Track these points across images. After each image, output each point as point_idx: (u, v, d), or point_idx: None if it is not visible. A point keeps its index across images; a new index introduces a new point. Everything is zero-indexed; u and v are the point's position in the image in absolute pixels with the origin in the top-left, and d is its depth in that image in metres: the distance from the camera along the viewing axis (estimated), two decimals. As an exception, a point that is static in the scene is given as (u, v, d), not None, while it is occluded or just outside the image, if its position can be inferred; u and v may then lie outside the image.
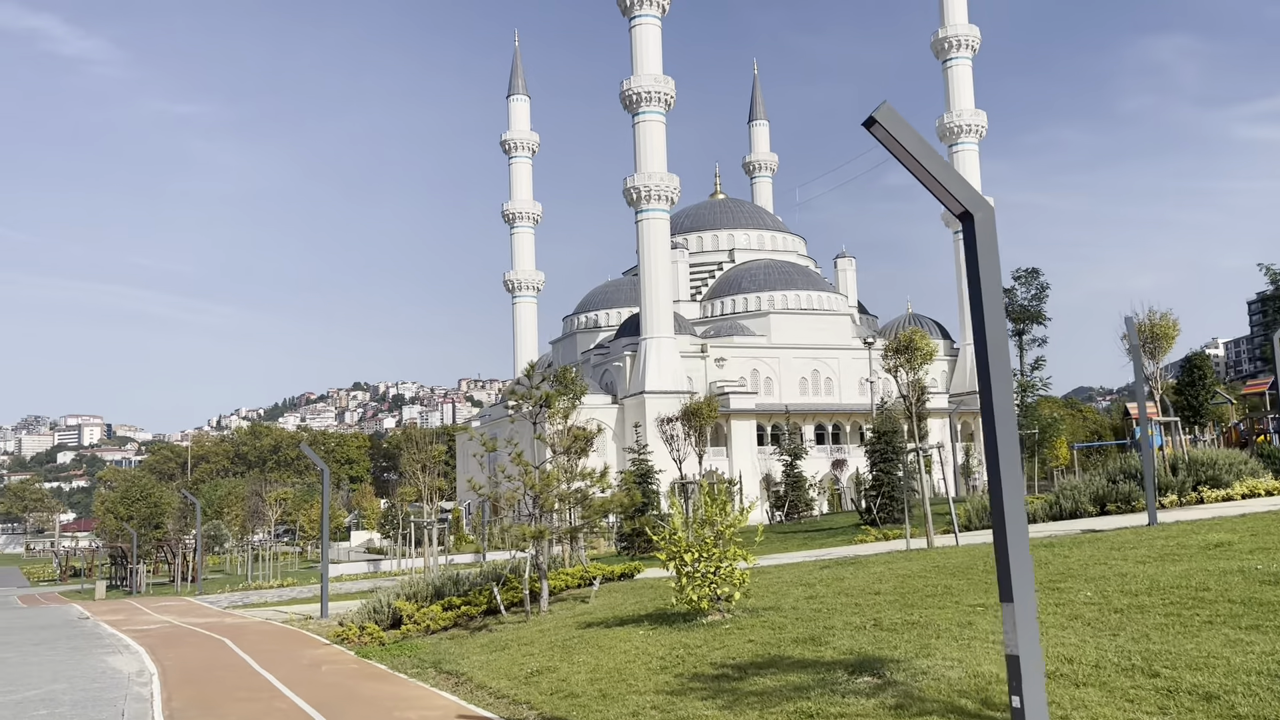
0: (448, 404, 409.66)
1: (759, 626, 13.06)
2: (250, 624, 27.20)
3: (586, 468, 19.98)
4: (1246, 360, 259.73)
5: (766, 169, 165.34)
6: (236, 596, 40.86)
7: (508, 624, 18.52)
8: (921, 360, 22.05)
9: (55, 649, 24.48)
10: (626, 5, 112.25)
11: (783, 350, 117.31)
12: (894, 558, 19.72)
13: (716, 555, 13.80)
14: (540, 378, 20.18)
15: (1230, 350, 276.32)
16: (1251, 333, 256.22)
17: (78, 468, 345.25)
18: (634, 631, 14.08)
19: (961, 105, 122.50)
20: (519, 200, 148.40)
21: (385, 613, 20.88)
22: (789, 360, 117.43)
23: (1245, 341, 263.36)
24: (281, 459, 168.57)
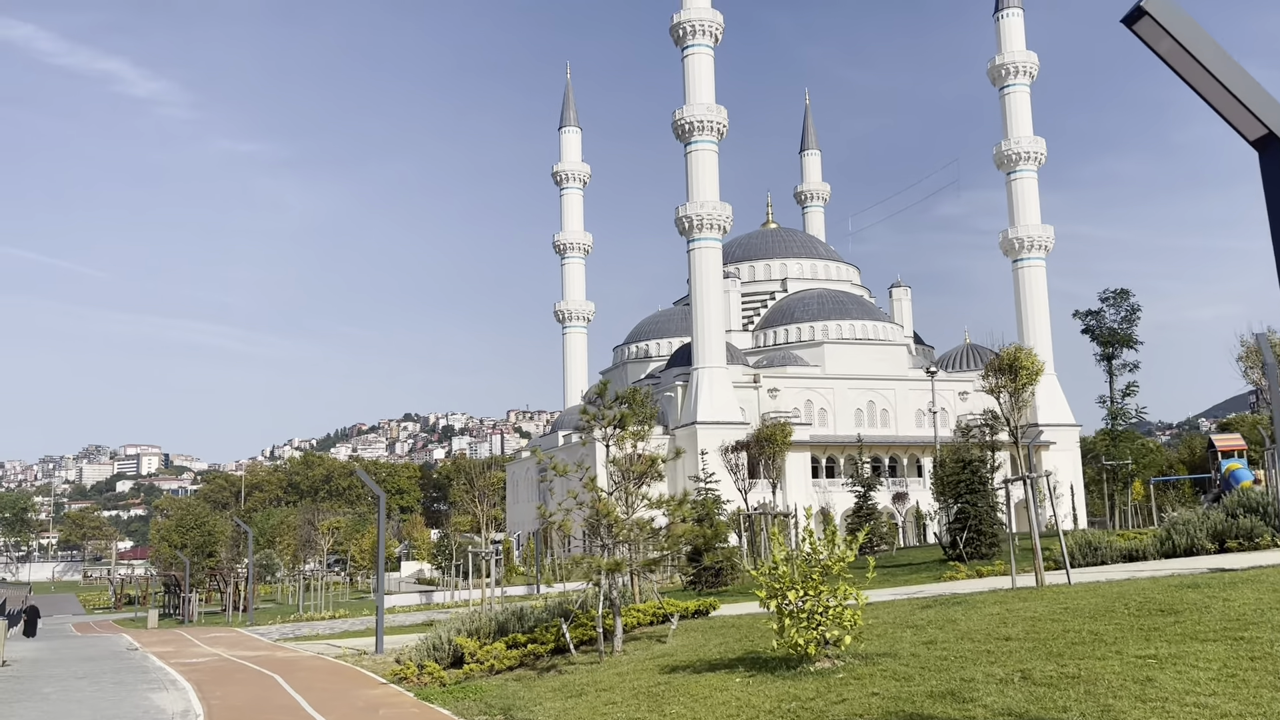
0: (496, 435, 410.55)
1: (879, 676, 11.51)
2: (302, 659, 26.04)
3: (663, 495, 18.56)
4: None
5: (818, 198, 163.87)
6: (288, 628, 39.84)
7: (579, 665, 17.09)
8: (1026, 380, 20.33)
9: (99, 683, 23.51)
10: (679, 35, 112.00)
11: (837, 381, 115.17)
12: (1004, 597, 18.00)
13: (825, 593, 12.27)
14: (615, 397, 18.83)
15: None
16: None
17: (135, 496, 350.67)
18: (729, 679, 12.59)
19: (1020, 133, 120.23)
20: (570, 231, 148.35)
21: (445, 650, 19.55)
22: (844, 391, 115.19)
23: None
24: (333, 489, 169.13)
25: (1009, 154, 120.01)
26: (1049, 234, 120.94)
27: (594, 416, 18.45)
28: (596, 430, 18.41)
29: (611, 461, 18.52)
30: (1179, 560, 23.78)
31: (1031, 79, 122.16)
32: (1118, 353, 77.81)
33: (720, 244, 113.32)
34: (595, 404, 18.93)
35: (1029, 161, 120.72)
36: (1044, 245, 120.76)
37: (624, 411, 18.60)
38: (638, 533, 18.12)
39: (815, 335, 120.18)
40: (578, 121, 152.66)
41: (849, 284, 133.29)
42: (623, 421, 18.41)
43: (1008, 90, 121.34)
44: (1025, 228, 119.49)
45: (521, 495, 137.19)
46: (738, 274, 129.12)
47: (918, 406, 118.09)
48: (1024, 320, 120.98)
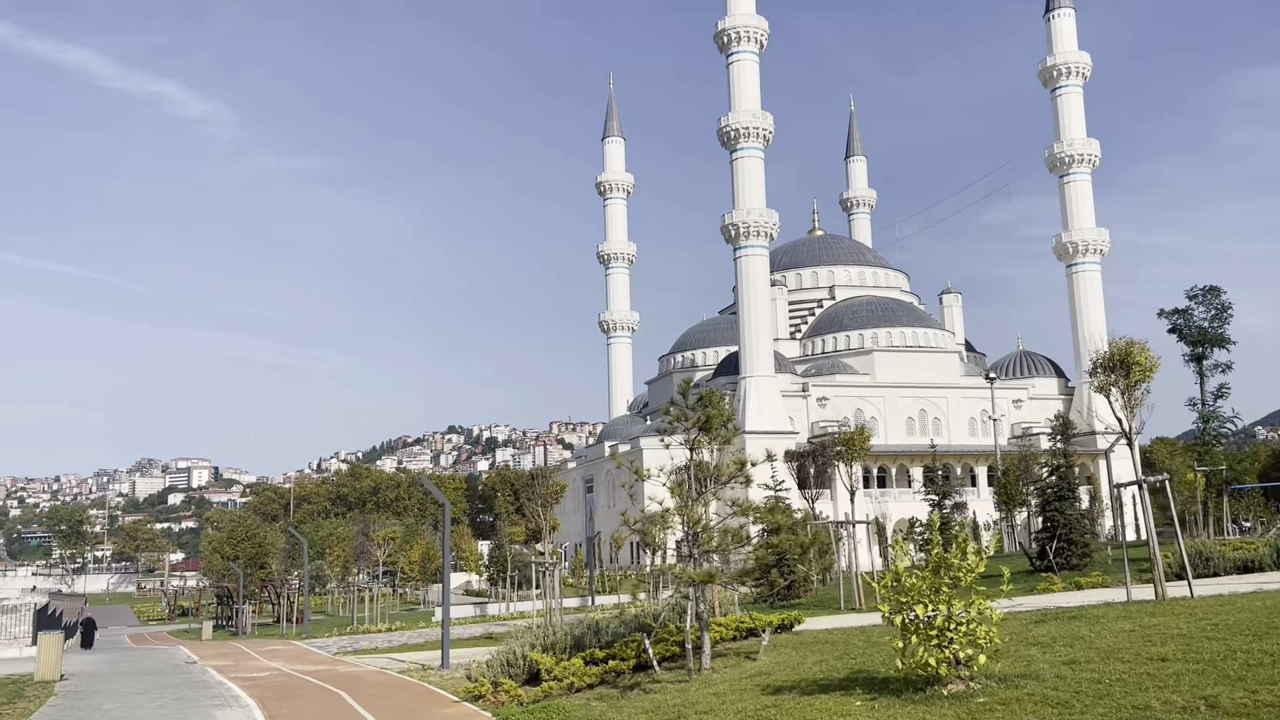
0: (539, 446, 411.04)
1: (1029, 702, 10.24)
2: (365, 674, 25.33)
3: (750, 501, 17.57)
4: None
5: (865, 205, 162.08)
6: (345, 641, 39.29)
7: (665, 683, 16.11)
8: (1140, 376, 19.03)
9: (160, 699, 22.96)
10: (724, 42, 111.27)
11: (888, 389, 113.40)
12: (1128, 611, 16.82)
13: (959, 607, 11.19)
14: (698, 397, 17.89)
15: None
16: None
17: (186, 509, 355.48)
18: (846, 702, 11.50)
19: (1073, 134, 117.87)
20: (614, 241, 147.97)
21: (520, 666, 18.67)
22: (894, 399, 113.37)
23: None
24: (380, 500, 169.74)
25: (1062, 156, 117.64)
26: (1104, 238, 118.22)
27: (677, 417, 17.49)
28: (679, 433, 17.46)
29: (697, 466, 17.57)
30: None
31: (1084, 80, 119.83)
32: (1208, 353, 74.04)
33: (767, 251, 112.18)
34: (676, 405, 18.00)
35: (1082, 164, 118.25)
36: (1099, 249, 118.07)
37: (710, 412, 17.65)
38: (729, 542, 17.15)
39: (864, 343, 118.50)
40: (621, 132, 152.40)
41: (898, 291, 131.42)
42: (709, 423, 17.45)
43: (1060, 91, 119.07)
44: (1079, 231, 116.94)
45: (567, 506, 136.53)
46: (784, 282, 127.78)
47: (970, 415, 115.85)
48: (1079, 326, 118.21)
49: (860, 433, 30.22)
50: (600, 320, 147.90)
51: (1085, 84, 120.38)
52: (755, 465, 18.89)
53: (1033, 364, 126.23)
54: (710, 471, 17.82)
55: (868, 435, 31.09)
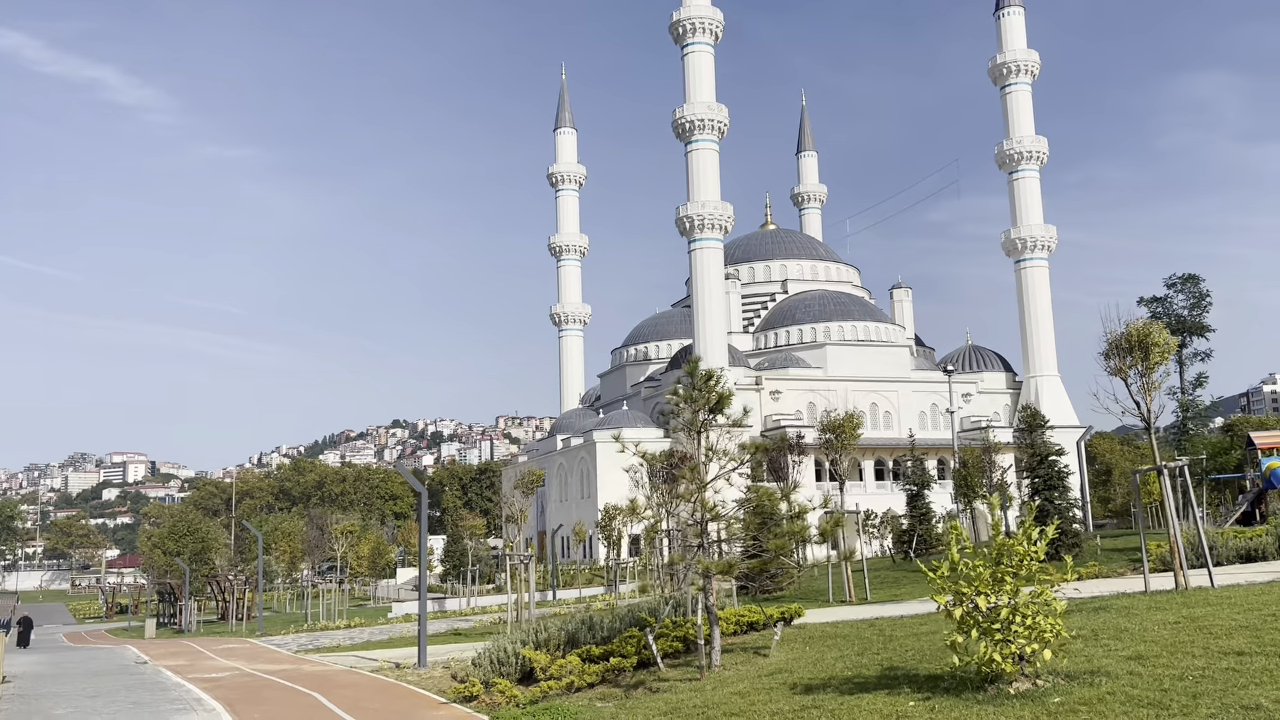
0: (486, 441, 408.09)
1: (1114, 703, 9.44)
2: (334, 673, 24.11)
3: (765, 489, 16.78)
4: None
5: (816, 200, 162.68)
6: (304, 638, 37.83)
7: (674, 682, 15.27)
8: (1159, 359, 18.54)
9: (115, 703, 21.57)
10: (680, 33, 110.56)
11: (840, 383, 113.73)
12: (1160, 602, 16.35)
13: (1024, 598, 10.45)
14: (706, 375, 17.03)
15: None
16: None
17: (122, 504, 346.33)
18: (897, 703, 10.69)
19: (1022, 132, 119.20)
20: (566, 233, 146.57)
21: (513, 664, 17.71)
22: (846, 393, 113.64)
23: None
24: (325, 495, 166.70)
25: (1011, 153, 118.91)
26: (1051, 234, 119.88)
27: (686, 398, 16.59)
28: (686, 413, 16.59)
29: (709, 449, 16.74)
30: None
31: (1033, 78, 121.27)
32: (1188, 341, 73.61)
33: (722, 244, 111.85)
34: (685, 383, 17.12)
35: (1031, 161, 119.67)
36: (1047, 245, 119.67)
37: (723, 392, 16.82)
38: (741, 529, 16.35)
39: (817, 337, 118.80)
40: (573, 123, 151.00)
41: (849, 285, 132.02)
42: (719, 404, 16.62)
43: (1009, 89, 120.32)
44: (1028, 228, 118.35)
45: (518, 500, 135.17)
46: (737, 275, 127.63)
47: (920, 408, 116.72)
48: (1027, 321, 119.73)
49: (850, 420, 29.64)
50: (552, 313, 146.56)
51: (1034, 82, 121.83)
52: (765, 451, 18.17)
53: (981, 358, 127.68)
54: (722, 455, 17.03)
55: (858, 423, 30.54)
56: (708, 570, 15.19)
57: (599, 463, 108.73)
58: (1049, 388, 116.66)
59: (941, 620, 17.89)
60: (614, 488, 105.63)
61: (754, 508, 15.85)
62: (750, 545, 16.89)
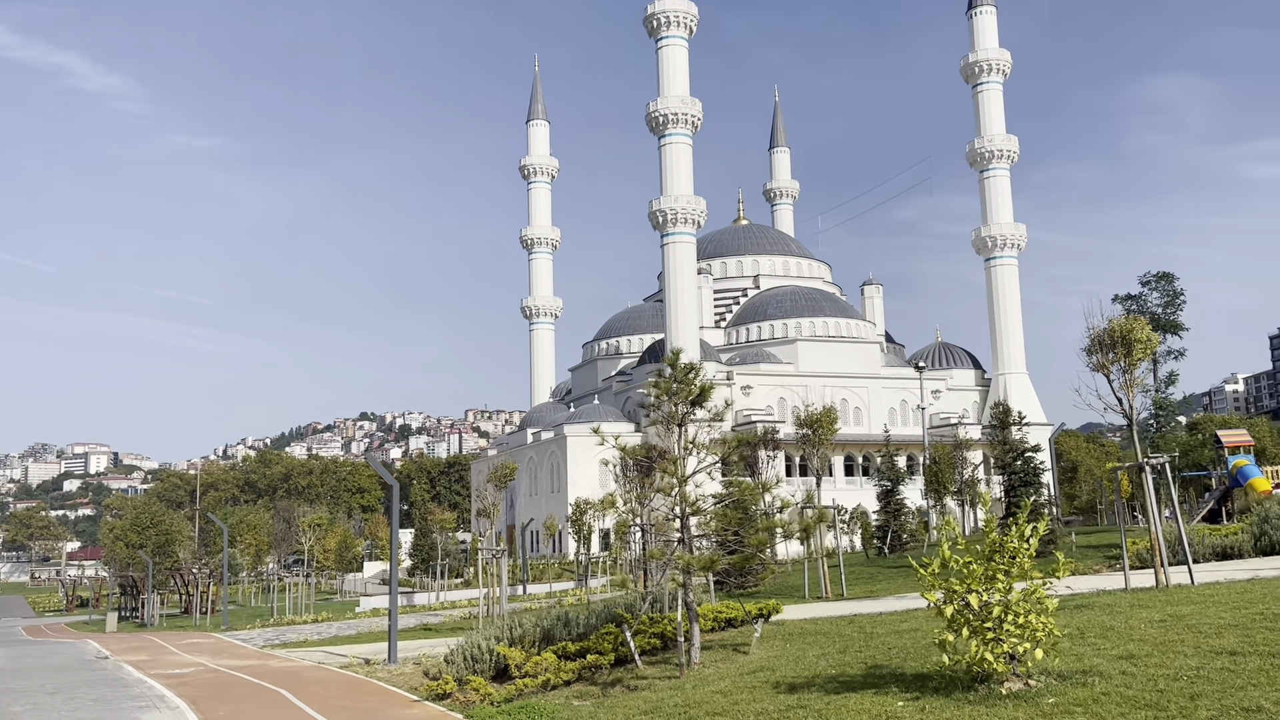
0: (455, 434, 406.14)
1: (1110, 703, 9.09)
2: (303, 669, 23.61)
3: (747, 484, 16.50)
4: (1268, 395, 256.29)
5: (788, 196, 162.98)
6: (270, 633, 37.18)
7: (653, 680, 14.97)
8: (1141, 354, 18.47)
9: (75, 699, 20.96)
10: (654, 26, 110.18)
11: (811, 378, 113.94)
12: (1142, 599, 16.25)
13: (1017, 597, 10.21)
14: (687, 367, 16.73)
15: (1250, 385, 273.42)
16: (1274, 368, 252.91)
17: (84, 496, 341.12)
18: (886, 703, 10.43)
19: (993, 130, 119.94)
20: (538, 226, 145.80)
21: (486, 661, 17.33)
22: (817, 388, 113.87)
23: (1266, 377, 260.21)
24: (292, 487, 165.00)
25: (982, 151, 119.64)
26: (1021, 233, 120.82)
27: (666, 390, 16.28)
28: (666, 406, 16.28)
29: (691, 443, 16.45)
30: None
31: (1005, 77, 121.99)
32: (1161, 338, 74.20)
33: (694, 239, 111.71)
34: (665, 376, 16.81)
35: (1002, 160, 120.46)
36: (1016, 244, 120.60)
37: (708, 384, 16.53)
38: (725, 526, 16.09)
39: (788, 332, 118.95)
40: (546, 115, 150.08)
41: (821, 281, 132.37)
42: (703, 395, 16.33)
43: (981, 88, 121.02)
44: (998, 226, 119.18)
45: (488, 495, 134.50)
46: (710, 270, 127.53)
47: (890, 404, 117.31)
48: (996, 319, 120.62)
49: (827, 414, 29.47)
50: (523, 306, 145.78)
51: (1005, 81, 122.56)
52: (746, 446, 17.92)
53: (951, 355, 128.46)
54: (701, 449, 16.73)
55: (834, 418, 30.41)
56: (689, 566, 14.92)
57: (570, 457, 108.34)
58: (1017, 385, 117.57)
59: (923, 618, 17.79)
60: (584, 482, 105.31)
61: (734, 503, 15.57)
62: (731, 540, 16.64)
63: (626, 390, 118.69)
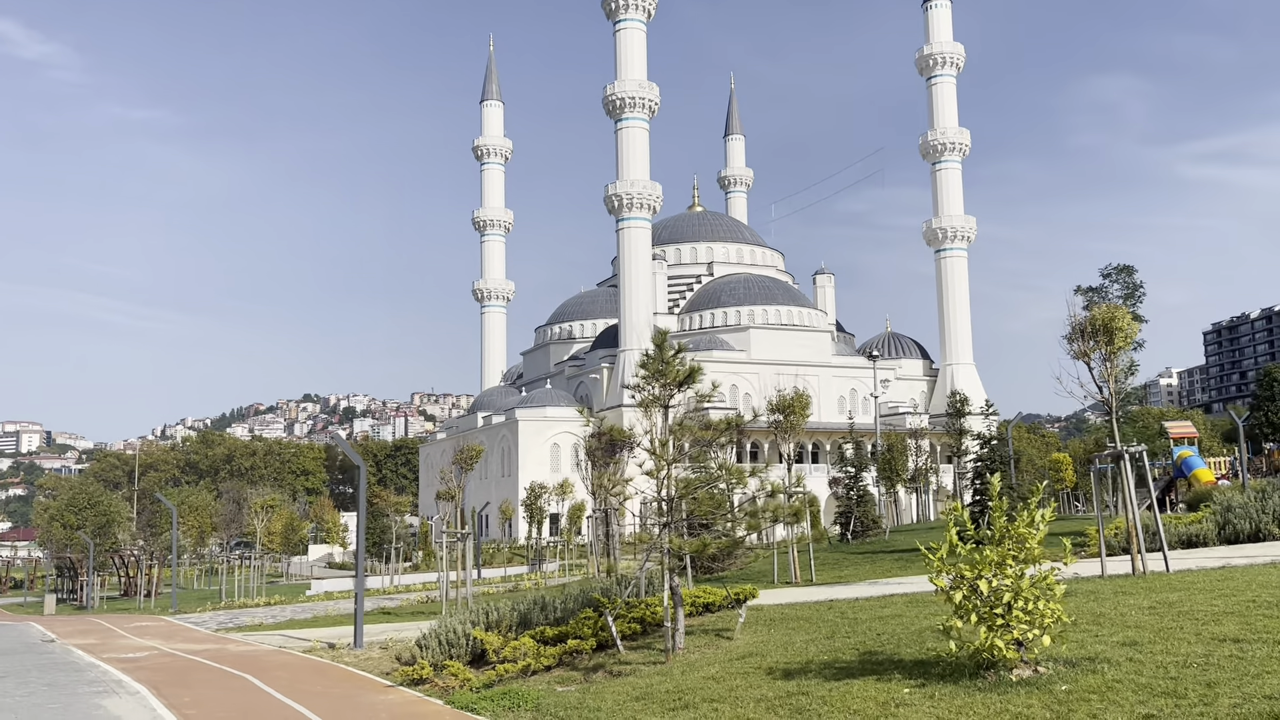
0: (400, 417, 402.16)
1: (1125, 690, 9.32)
2: (264, 654, 23.04)
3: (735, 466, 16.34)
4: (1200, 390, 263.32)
5: (742, 184, 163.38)
6: (223, 616, 36.35)
7: (637, 665, 14.75)
8: (1122, 343, 18.70)
9: (27, 684, 20.24)
10: (612, 9, 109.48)
11: (762, 366, 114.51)
12: (1126, 586, 16.31)
13: (1027, 583, 10.13)
14: (676, 349, 16.49)
15: (1184, 380, 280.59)
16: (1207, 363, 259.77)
17: (14, 475, 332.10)
18: (889, 689, 10.29)
19: (945, 123, 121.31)
20: (490, 208, 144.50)
21: (463, 645, 17.00)
22: (768, 376, 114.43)
23: (1200, 372, 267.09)
24: (235, 469, 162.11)
25: (935, 144, 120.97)
26: (971, 224, 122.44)
27: (654, 372, 16.03)
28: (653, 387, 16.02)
29: (680, 423, 16.24)
30: (1246, 546, 22.76)
31: (958, 70, 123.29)
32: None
33: (650, 224, 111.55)
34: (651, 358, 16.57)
35: (954, 152, 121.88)
36: (966, 236, 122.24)
37: (694, 365, 16.33)
38: (713, 509, 15.92)
39: (741, 320, 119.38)
40: (500, 95, 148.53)
41: (774, 270, 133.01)
42: (692, 376, 16.13)
43: (935, 80, 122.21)
44: (949, 218, 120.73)
45: (436, 478, 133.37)
46: (664, 256, 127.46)
47: (840, 393, 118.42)
48: (945, 310, 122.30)
49: (799, 399, 29.46)
50: (474, 288, 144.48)
51: (959, 75, 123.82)
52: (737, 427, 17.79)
53: (900, 345, 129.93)
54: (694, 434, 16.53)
55: (807, 402, 30.44)
56: (679, 550, 14.74)
57: (521, 441, 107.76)
58: (965, 375, 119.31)
59: (903, 603, 17.85)
60: (536, 466, 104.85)
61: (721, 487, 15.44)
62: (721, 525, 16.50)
63: (579, 375, 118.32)
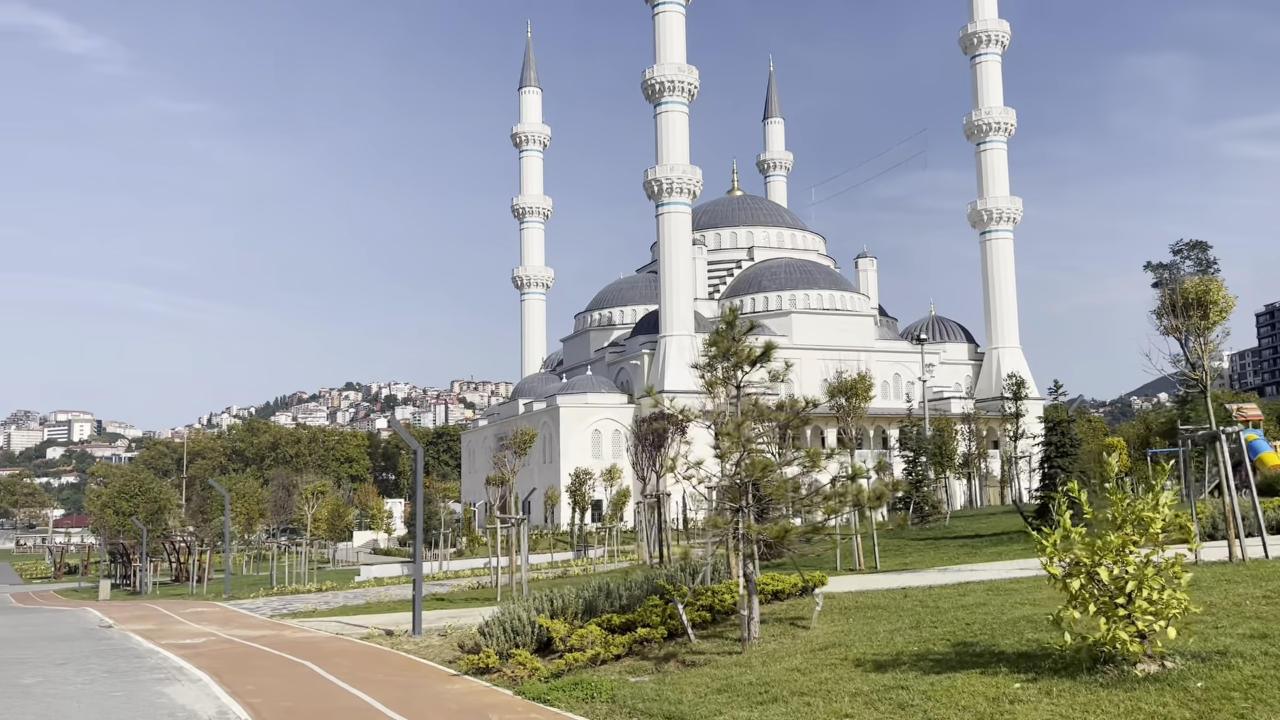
0: (440, 405, 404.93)
1: (1267, 687, 8.63)
2: (320, 640, 22.91)
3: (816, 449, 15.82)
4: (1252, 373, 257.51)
5: (781, 168, 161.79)
6: (276, 602, 36.44)
7: (711, 655, 14.32)
8: (1216, 318, 17.83)
9: (88, 671, 20.20)
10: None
11: (805, 351, 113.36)
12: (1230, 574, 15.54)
13: (1151, 571, 9.50)
14: (749, 326, 15.95)
15: (1235, 363, 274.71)
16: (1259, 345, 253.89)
17: (67, 463, 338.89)
18: (999, 683, 9.64)
19: (990, 103, 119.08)
20: (529, 195, 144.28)
21: (528, 633, 16.66)
22: (811, 361, 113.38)
23: (1252, 354, 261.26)
24: (280, 456, 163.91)
25: (979, 124, 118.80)
26: (1017, 206, 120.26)
27: (725, 351, 15.50)
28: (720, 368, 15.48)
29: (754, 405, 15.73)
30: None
31: (1003, 48, 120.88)
32: None
33: (690, 209, 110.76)
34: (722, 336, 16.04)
35: (999, 132, 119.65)
36: (1012, 218, 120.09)
37: (770, 341, 15.76)
38: (792, 494, 15.40)
39: (782, 304, 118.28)
40: (538, 83, 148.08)
41: (815, 254, 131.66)
42: (766, 354, 15.58)
43: (979, 59, 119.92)
44: (994, 199, 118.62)
45: (478, 464, 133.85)
46: (704, 241, 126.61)
47: (884, 378, 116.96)
48: (990, 292, 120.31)
49: (862, 381, 28.73)
50: (514, 276, 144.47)
51: (1004, 53, 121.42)
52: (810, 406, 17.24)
53: (944, 329, 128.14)
54: (769, 415, 16.00)
55: (869, 384, 29.73)
56: (759, 535, 14.23)
57: (562, 427, 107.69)
58: (1011, 358, 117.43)
59: (984, 591, 17.23)
60: (577, 452, 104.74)
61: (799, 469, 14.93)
62: (800, 509, 16.00)
63: (619, 361, 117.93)
